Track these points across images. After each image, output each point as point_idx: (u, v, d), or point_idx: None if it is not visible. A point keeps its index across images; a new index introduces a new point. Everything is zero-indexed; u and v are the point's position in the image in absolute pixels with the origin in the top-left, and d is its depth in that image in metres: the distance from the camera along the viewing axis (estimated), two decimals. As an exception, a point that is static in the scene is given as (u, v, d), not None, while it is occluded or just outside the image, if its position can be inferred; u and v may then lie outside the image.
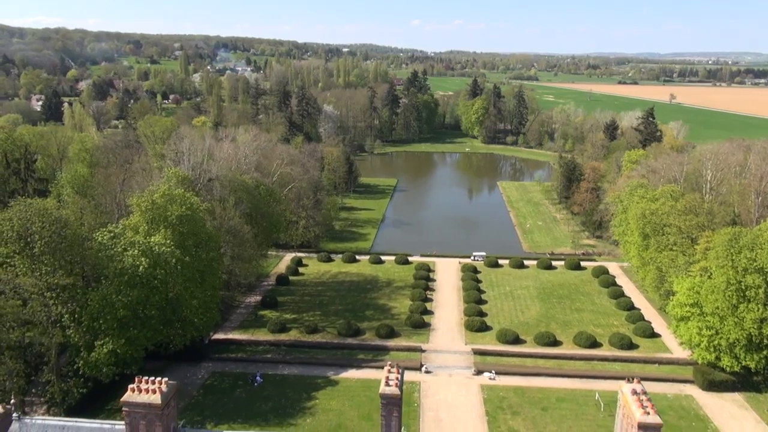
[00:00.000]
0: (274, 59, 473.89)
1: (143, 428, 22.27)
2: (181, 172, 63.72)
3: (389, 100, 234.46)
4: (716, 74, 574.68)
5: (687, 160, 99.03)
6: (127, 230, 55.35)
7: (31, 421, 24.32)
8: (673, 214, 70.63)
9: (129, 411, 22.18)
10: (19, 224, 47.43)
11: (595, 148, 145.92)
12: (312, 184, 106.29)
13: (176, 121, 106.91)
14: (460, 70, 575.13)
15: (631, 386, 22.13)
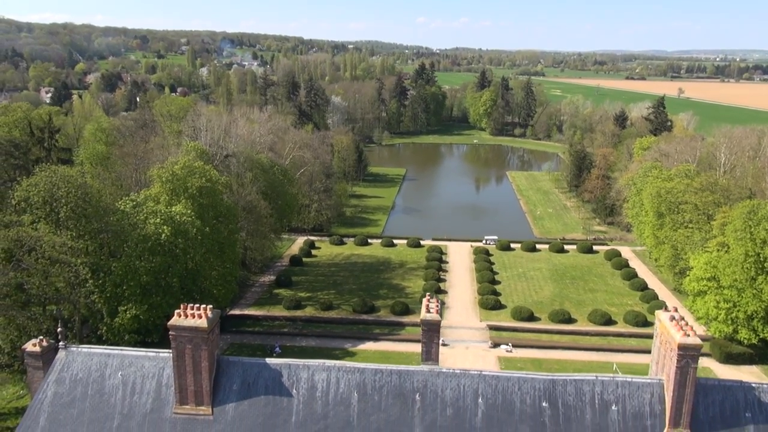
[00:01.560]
0: (280, 54, 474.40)
1: (189, 353, 22.71)
2: (199, 146, 64.26)
3: (397, 91, 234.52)
4: (724, 70, 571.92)
5: (700, 145, 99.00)
6: (148, 200, 55.84)
7: (77, 349, 24.80)
8: (689, 192, 70.69)
9: (176, 335, 22.63)
10: (45, 190, 47.96)
11: (605, 137, 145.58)
12: (324, 168, 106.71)
13: (191, 100, 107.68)
14: (466, 66, 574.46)
15: (669, 313, 22.45)
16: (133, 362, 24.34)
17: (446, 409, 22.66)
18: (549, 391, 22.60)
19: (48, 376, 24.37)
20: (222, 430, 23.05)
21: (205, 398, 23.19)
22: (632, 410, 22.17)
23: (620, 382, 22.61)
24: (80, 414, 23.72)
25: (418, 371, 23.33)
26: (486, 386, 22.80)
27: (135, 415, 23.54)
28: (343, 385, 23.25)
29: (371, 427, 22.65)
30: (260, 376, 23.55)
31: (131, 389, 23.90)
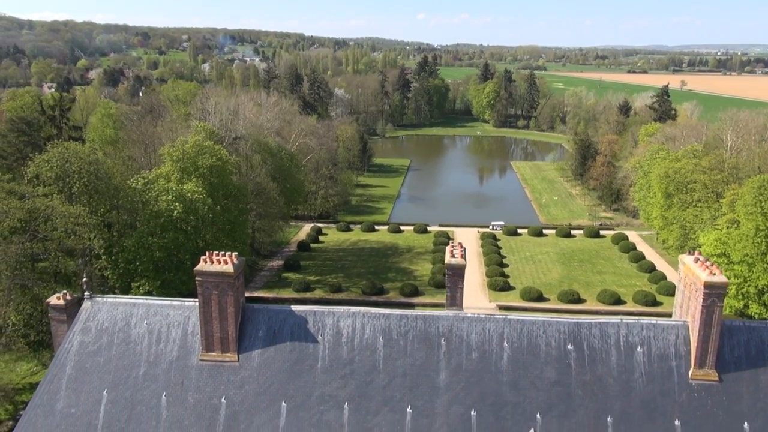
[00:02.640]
0: (282, 50, 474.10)
1: (215, 299, 22.82)
2: (208, 127, 64.35)
3: (400, 84, 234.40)
4: (726, 64, 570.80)
5: (706, 129, 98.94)
6: (160, 178, 55.98)
7: (102, 299, 24.92)
8: (697, 172, 70.69)
9: (202, 281, 22.74)
10: (58, 165, 48.11)
11: (609, 125, 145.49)
12: (330, 155, 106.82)
13: (198, 85, 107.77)
14: (467, 61, 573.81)
15: (692, 256, 22.53)
16: (158, 311, 24.46)
17: (472, 353, 22.77)
18: (574, 333, 22.69)
19: (74, 326, 24.50)
20: (248, 376, 23.16)
21: (231, 345, 23.30)
22: (657, 352, 22.25)
23: (645, 324, 22.69)
24: (107, 362, 23.85)
25: (444, 316, 23.43)
26: (511, 330, 22.90)
27: (161, 363, 23.67)
28: (369, 331, 23.35)
29: (397, 371, 22.76)
30: (286, 323, 23.65)
31: (157, 338, 24.03)
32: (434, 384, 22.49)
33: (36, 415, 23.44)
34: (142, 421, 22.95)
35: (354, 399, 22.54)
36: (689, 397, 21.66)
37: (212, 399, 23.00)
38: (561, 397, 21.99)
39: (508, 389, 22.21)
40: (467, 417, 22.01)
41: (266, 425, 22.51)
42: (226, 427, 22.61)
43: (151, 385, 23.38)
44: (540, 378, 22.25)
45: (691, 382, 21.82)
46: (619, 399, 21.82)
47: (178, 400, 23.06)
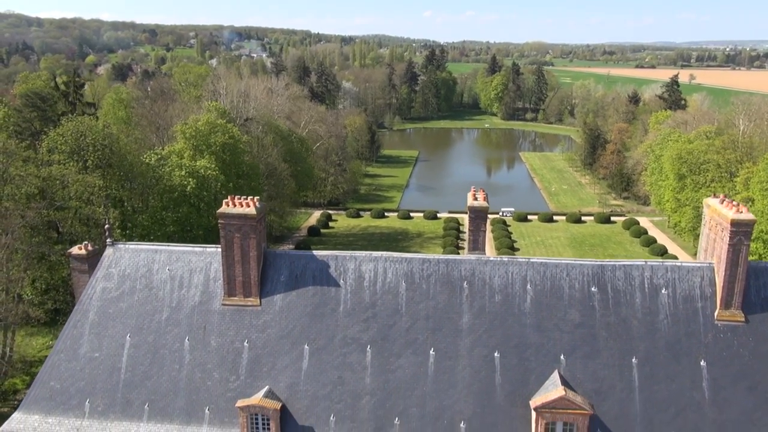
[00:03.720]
0: (289, 46, 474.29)
1: (238, 242, 22.84)
2: (220, 106, 64.43)
3: (408, 77, 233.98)
4: (735, 59, 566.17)
5: (718, 114, 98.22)
6: (172, 155, 56.11)
7: (124, 246, 25.00)
8: (711, 152, 70.19)
9: (224, 223, 22.77)
10: (73, 139, 48.28)
11: (619, 114, 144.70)
12: (339, 141, 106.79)
13: (208, 69, 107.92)
14: (474, 57, 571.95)
15: (717, 199, 22.37)
16: (180, 257, 24.51)
17: (495, 296, 22.68)
18: (598, 276, 22.56)
19: (96, 273, 24.59)
20: (270, 319, 23.18)
21: (253, 289, 23.32)
22: (682, 293, 22.09)
23: (670, 266, 22.53)
24: (129, 307, 23.93)
25: (466, 260, 23.35)
26: (534, 273, 22.80)
27: (183, 308, 23.73)
28: (391, 275, 23.31)
29: (419, 314, 22.71)
30: (307, 268, 23.64)
31: (179, 283, 24.08)
32: (457, 326, 22.43)
33: (59, 359, 23.56)
34: (165, 365, 23.03)
35: (377, 342, 22.52)
36: (715, 338, 21.51)
37: (234, 342, 23.04)
38: (585, 338, 21.88)
39: (531, 331, 22.13)
40: (490, 359, 21.95)
41: (289, 368, 22.53)
42: (248, 370, 22.65)
43: (174, 329, 23.45)
44: (564, 320, 22.15)
45: (717, 323, 21.66)
46: (643, 340, 21.70)
47: (201, 344, 23.12)
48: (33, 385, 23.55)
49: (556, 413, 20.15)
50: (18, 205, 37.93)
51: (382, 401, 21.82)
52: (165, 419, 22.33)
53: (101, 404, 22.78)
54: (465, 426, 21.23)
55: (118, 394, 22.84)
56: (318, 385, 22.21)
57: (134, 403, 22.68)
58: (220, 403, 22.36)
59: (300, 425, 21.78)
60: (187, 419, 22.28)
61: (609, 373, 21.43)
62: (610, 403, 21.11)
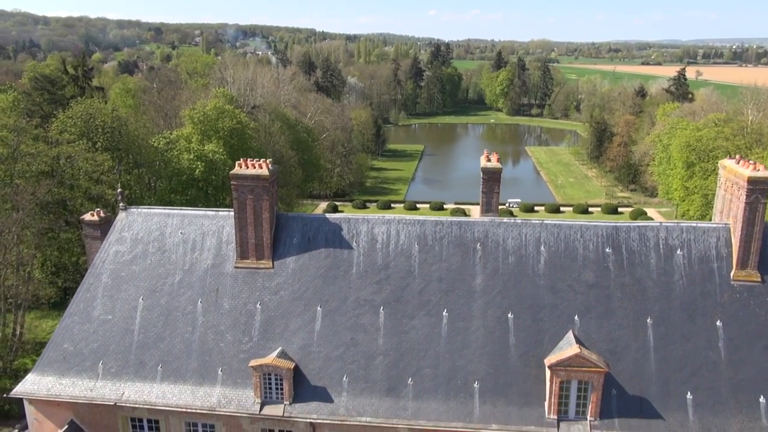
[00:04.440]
0: (294, 43, 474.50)
1: (250, 203, 22.82)
2: (228, 92, 64.48)
3: (413, 72, 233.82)
4: (742, 56, 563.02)
5: (726, 104, 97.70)
6: (181, 139, 56.17)
7: (136, 210, 25.03)
8: (720, 138, 69.79)
9: (237, 185, 22.76)
10: (82, 121, 48.39)
11: (626, 107, 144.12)
12: (346, 133, 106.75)
13: (214, 58, 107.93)
14: (479, 55, 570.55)
15: (733, 160, 22.22)
16: (192, 221, 24.53)
17: (508, 258, 22.59)
18: (612, 237, 22.44)
19: (109, 236, 24.63)
20: (283, 282, 23.16)
21: (266, 252, 23.30)
22: (698, 254, 21.94)
23: (685, 227, 22.38)
24: (142, 271, 23.96)
25: (479, 222, 23.27)
26: (548, 234, 22.69)
27: (196, 271, 23.74)
28: (404, 237, 23.25)
29: (432, 276, 22.65)
30: (320, 230, 23.61)
31: (192, 246, 24.09)
32: (470, 288, 22.36)
33: (73, 322, 23.61)
34: (178, 327, 23.05)
35: (390, 303, 22.47)
36: (731, 298, 21.36)
37: (247, 305, 23.04)
38: (599, 299, 21.77)
39: (545, 292, 22.03)
40: (504, 319, 21.86)
41: (302, 329, 22.51)
42: (261, 332, 22.65)
43: (187, 292, 23.47)
44: (578, 281, 22.05)
45: (733, 284, 21.51)
46: (658, 301, 21.57)
47: (214, 306, 23.13)
48: (47, 347, 23.61)
49: (570, 371, 20.04)
50: (29, 183, 38.07)
51: (395, 362, 21.77)
52: (178, 380, 22.34)
53: (114, 366, 22.82)
54: (479, 386, 21.15)
55: (131, 355, 22.87)
56: (331, 347, 22.18)
57: (147, 365, 22.70)
58: (233, 364, 22.35)
59: (313, 385, 21.75)
60: (200, 380, 22.28)
61: (624, 333, 21.31)
62: (625, 363, 20.99)
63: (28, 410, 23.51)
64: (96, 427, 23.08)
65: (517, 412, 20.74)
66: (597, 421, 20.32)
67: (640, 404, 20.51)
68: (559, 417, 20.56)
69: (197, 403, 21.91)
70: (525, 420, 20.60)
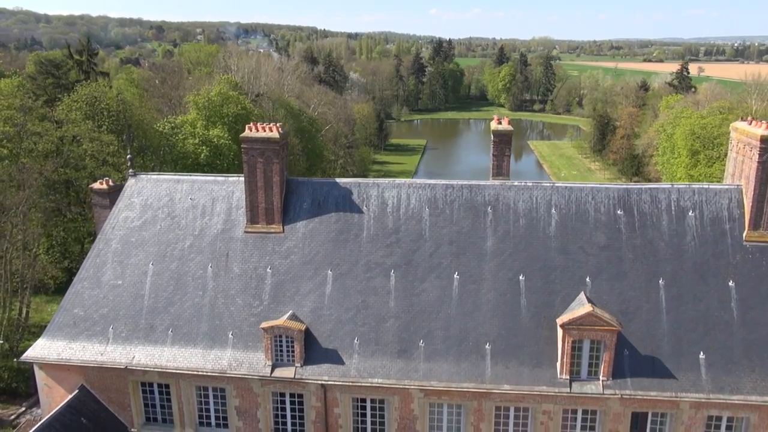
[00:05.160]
0: (296, 41, 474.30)
1: (261, 167, 22.79)
2: (232, 79, 64.45)
3: (415, 68, 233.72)
4: (743, 53, 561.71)
5: (730, 94, 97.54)
6: (185, 124, 56.15)
7: (146, 176, 25.01)
8: (725, 125, 69.57)
9: (247, 148, 22.73)
10: (87, 104, 48.37)
11: (629, 100, 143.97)
12: (349, 126, 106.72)
13: (218, 48, 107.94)
14: (480, 53, 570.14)
15: (745, 122, 22.14)
16: (202, 187, 24.50)
17: (519, 220, 22.54)
18: (624, 199, 22.37)
19: (118, 203, 24.61)
20: (293, 246, 23.12)
21: (276, 216, 23.26)
22: (710, 215, 21.87)
23: (697, 189, 22.31)
24: (152, 236, 23.93)
25: (489, 185, 23.22)
26: (559, 197, 22.64)
27: (206, 236, 23.71)
28: (414, 201, 23.20)
29: (443, 239, 22.59)
30: (330, 195, 23.57)
31: (201, 212, 24.06)
32: (481, 250, 22.31)
33: (83, 287, 23.59)
34: (188, 291, 23.02)
35: (400, 266, 22.43)
36: (743, 259, 21.29)
37: (258, 269, 23.01)
38: (611, 260, 21.71)
39: (556, 254, 21.97)
40: (515, 281, 21.81)
41: (312, 292, 22.47)
42: (272, 295, 22.61)
43: (197, 257, 23.44)
44: (589, 243, 21.99)
45: (746, 244, 21.44)
46: (670, 262, 21.50)
47: (224, 271, 23.10)
48: (56, 312, 23.60)
49: (583, 330, 19.98)
50: (36, 161, 38.07)
51: (407, 324, 21.72)
52: (189, 344, 22.31)
53: (125, 330, 22.80)
54: (490, 347, 21.10)
55: (142, 320, 22.85)
56: (342, 310, 22.14)
57: (158, 329, 22.67)
58: (243, 327, 22.32)
59: (324, 348, 21.70)
60: (210, 343, 22.25)
61: (636, 294, 21.25)
62: (637, 324, 20.93)
63: (38, 375, 23.51)
64: (106, 391, 23.06)
65: (528, 373, 20.68)
66: (609, 380, 20.27)
67: (652, 364, 20.46)
68: (572, 377, 20.51)
69: (208, 366, 21.88)
70: (537, 380, 20.55)
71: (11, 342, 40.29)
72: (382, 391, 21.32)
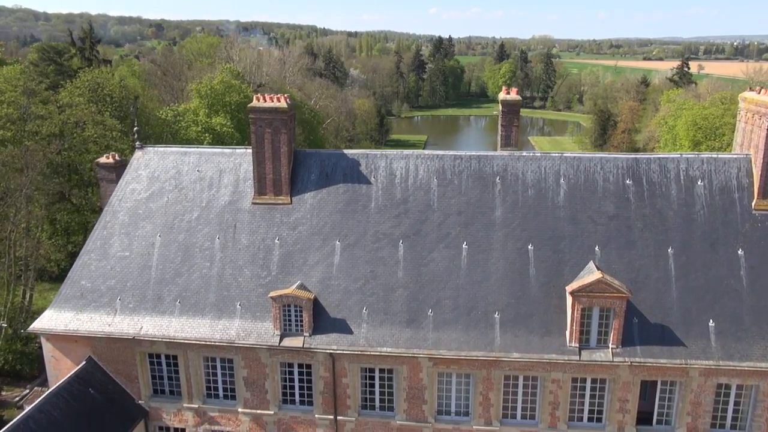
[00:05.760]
0: (295, 39, 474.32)
1: (268, 137, 22.74)
2: (234, 68, 64.38)
3: (415, 65, 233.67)
4: (743, 51, 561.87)
5: (732, 87, 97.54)
6: (188, 112, 56.10)
7: (153, 148, 24.96)
8: (728, 115, 69.57)
9: (255, 118, 22.68)
10: (90, 90, 48.26)
11: (629, 95, 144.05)
12: (350, 120, 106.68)
13: (220, 39, 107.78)
14: (480, 51, 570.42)
15: (754, 92, 22.11)
16: (209, 159, 24.46)
17: (528, 190, 22.50)
18: (633, 169, 22.34)
19: (125, 175, 24.56)
20: (301, 217, 23.08)
21: (284, 187, 23.21)
22: (719, 184, 21.84)
23: (706, 158, 22.28)
24: (159, 208, 23.88)
25: (498, 156, 23.19)
26: (568, 167, 22.60)
27: (214, 207, 23.67)
28: (422, 172, 23.17)
29: (452, 209, 22.56)
30: (338, 166, 23.54)
31: (209, 183, 24.02)
32: (490, 220, 22.28)
33: (90, 259, 23.54)
34: (195, 262, 22.98)
35: (409, 236, 22.39)
36: (753, 228, 21.26)
37: (266, 240, 22.97)
38: (620, 230, 21.69)
39: (565, 224, 21.94)
40: (524, 251, 21.78)
41: (321, 263, 22.43)
42: (280, 266, 22.57)
43: (205, 228, 23.40)
44: (598, 212, 21.96)
45: (755, 213, 21.42)
46: (679, 231, 21.48)
47: (232, 242, 23.06)
48: (63, 284, 23.54)
49: (593, 297, 19.94)
50: (40, 144, 37.97)
51: (415, 294, 21.68)
52: (196, 314, 22.27)
53: (132, 301, 22.75)
54: (499, 316, 21.07)
55: (149, 291, 22.80)
56: (350, 280, 22.10)
57: (165, 300, 22.63)
58: (251, 298, 22.28)
59: (332, 318, 21.66)
60: (218, 314, 22.20)
61: (645, 263, 21.22)
62: (646, 293, 20.90)
63: (45, 347, 23.46)
64: (114, 363, 23.01)
65: (538, 341, 20.65)
66: (619, 348, 20.25)
67: (662, 332, 20.43)
68: (581, 345, 20.48)
69: (216, 336, 21.84)
70: (546, 348, 20.52)
71: (15, 326, 40.19)
72: (391, 360, 21.29)
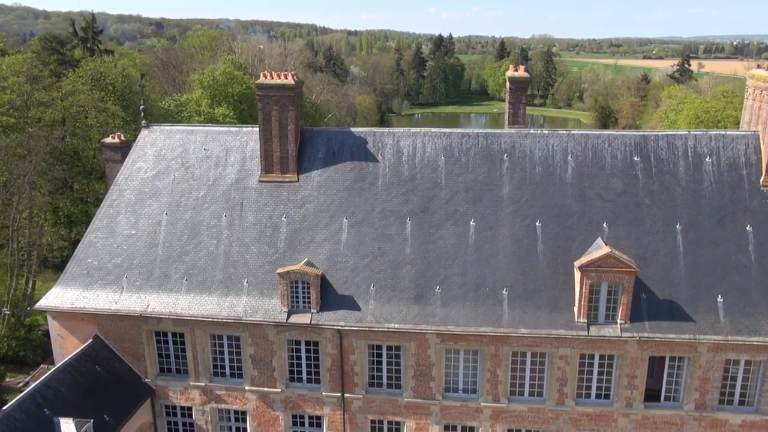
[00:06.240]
0: (295, 37, 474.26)
1: (276, 114, 22.71)
2: (237, 59, 64.31)
3: (416, 63, 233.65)
4: (743, 50, 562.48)
5: (733, 83, 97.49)
6: (191, 102, 56.03)
7: (159, 127, 24.91)
8: (730, 108, 69.60)
9: (262, 95, 22.65)
10: (93, 79, 48.18)
11: (630, 92, 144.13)
12: (351, 115, 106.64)
13: (221, 32, 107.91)
14: (480, 50, 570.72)
15: (762, 68, 22.09)
16: (216, 137, 24.41)
17: (535, 168, 22.47)
18: (640, 146, 22.31)
19: (131, 154, 24.52)
20: (309, 194, 23.04)
21: (291, 165, 23.18)
22: (727, 161, 21.82)
23: (714, 135, 22.26)
24: (165, 186, 23.84)
25: (506, 133, 23.15)
26: (575, 144, 22.57)
27: (220, 185, 23.62)
28: (430, 149, 23.13)
29: (459, 186, 22.53)
30: (345, 144, 23.50)
31: (215, 162, 23.98)
32: (497, 197, 22.25)
33: (96, 237, 23.50)
34: (202, 240, 22.94)
35: (416, 214, 22.36)
36: (761, 204, 21.24)
37: (273, 218, 22.93)
38: (628, 206, 21.66)
39: (573, 200, 21.92)
40: (532, 228, 21.75)
41: (328, 240, 22.39)
42: (287, 243, 22.53)
43: (211, 206, 23.36)
44: (606, 189, 21.94)
45: (763, 189, 21.40)
46: (687, 207, 21.46)
47: (239, 220, 23.02)
48: (69, 262, 23.49)
49: (601, 272, 19.91)
50: (43, 130, 37.92)
51: (423, 270, 21.65)
52: (203, 292, 22.23)
53: (139, 279, 22.70)
54: (507, 293, 21.04)
55: (156, 269, 22.76)
56: (357, 257, 22.06)
57: (172, 278, 22.58)
58: (258, 275, 22.24)
59: (340, 294, 21.63)
60: (225, 291, 22.16)
61: (653, 239, 21.20)
62: (654, 268, 20.87)
63: (51, 326, 23.40)
64: (120, 341, 22.97)
65: (546, 317, 20.63)
66: (627, 323, 20.22)
67: (670, 307, 20.41)
68: (589, 321, 20.45)
69: (223, 313, 21.80)
70: (554, 324, 20.49)
71: (19, 310, 40.15)
72: (398, 336, 21.25)
